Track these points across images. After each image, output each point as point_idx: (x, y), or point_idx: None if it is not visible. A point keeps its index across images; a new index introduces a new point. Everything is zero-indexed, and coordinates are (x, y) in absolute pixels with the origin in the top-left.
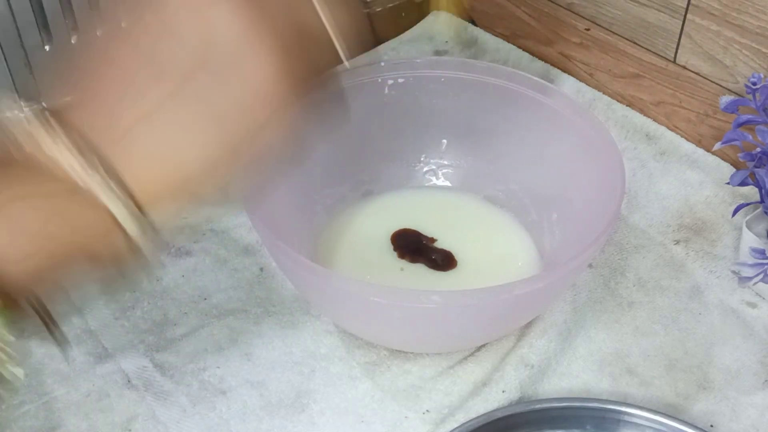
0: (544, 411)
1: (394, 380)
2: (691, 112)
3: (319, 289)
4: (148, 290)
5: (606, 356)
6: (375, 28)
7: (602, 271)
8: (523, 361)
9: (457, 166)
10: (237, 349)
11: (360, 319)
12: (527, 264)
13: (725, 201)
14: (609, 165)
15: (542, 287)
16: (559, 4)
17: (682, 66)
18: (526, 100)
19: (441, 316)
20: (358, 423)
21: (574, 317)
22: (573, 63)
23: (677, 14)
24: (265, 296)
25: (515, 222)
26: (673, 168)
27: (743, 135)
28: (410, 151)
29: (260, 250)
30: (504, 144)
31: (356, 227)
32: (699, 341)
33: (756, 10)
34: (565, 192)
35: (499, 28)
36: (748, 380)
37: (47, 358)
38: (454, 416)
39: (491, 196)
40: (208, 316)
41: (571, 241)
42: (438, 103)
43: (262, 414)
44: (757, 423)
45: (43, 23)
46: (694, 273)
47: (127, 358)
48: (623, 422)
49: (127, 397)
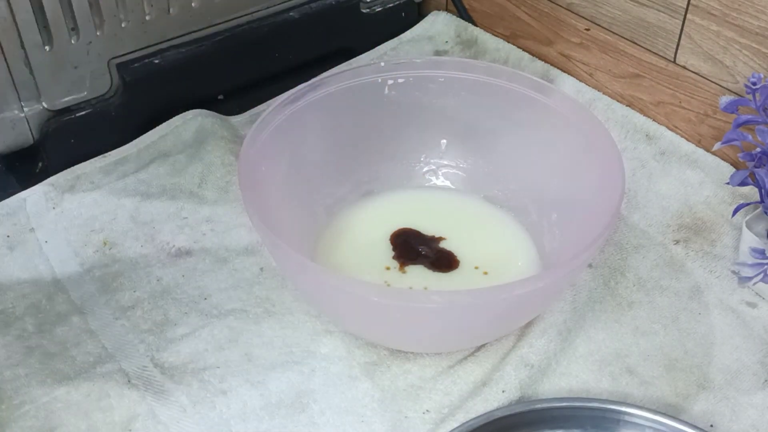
0: (544, 411)
1: (394, 380)
2: (691, 112)
3: (319, 289)
4: (149, 290)
5: (606, 356)
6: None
7: (602, 271)
8: (523, 361)
9: (457, 166)
10: (237, 349)
11: (360, 319)
12: (527, 264)
13: (725, 201)
14: (609, 165)
15: (542, 287)
16: (559, 4)
17: (682, 66)
18: (526, 100)
19: (441, 316)
20: (358, 423)
21: (574, 317)
22: (573, 63)
23: (677, 14)
24: (265, 296)
25: (515, 222)
26: (673, 168)
27: (743, 135)
28: (410, 151)
29: (260, 250)
30: (504, 144)
31: (356, 227)
32: (699, 341)
33: (756, 10)
34: (564, 192)
35: (499, 28)
36: (747, 380)
37: (47, 358)
38: (454, 416)
39: (491, 196)
40: (209, 316)
41: (571, 241)
42: (438, 103)
43: (262, 414)
44: (757, 423)
45: (43, 23)
46: (694, 273)
47: (127, 358)
48: (623, 422)
49: (127, 397)
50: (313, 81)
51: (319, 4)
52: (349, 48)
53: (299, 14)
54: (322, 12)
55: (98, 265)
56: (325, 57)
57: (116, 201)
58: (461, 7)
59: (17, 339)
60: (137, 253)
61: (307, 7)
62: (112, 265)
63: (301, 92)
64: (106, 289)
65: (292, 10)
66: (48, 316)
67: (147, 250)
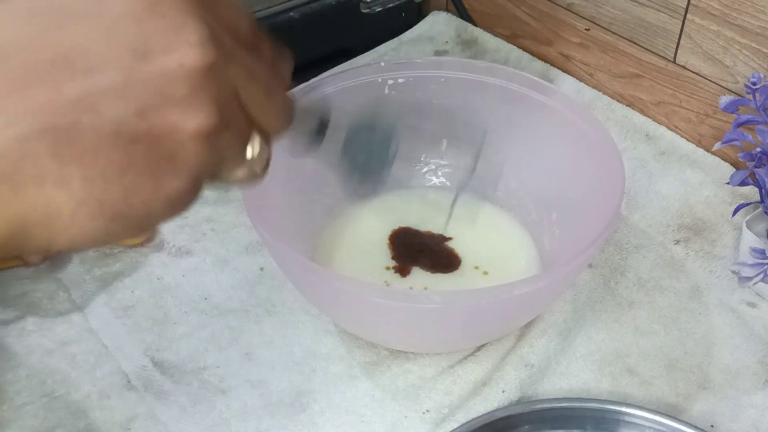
0: (544, 411)
1: (394, 380)
2: (691, 112)
3: (319, 289)
4: (149, 289)
5: (606, 356)
6: (375, 28)
7: (602, 270)
8: (523, 361)
9: (457, 166)
10: (237, 348)
11: (360, 319)
12: (527, 264)
13: (725, 201)
14: (609, 165)
15: (542, 287)
16: (559, 4)
17: (682, 66)
18: (526, 100)
19: (441, 316)
20: (358, 423)
21: (574, 317)
22: (573, 63)
23: (677, 14)
24: (265, 296)
25: (515, 222)
26: (673, 168)
27: (743, 135)
28: (410, 151)
29: (260, 250)
30: (504, 144)
31: (356, 227)
32: (699, 341)
33: (756, 10)
34: (565, 192)
35: (499, 28)
36: (748, 380)
37: (47, 357)
38: (454, 416)
39: (491, 195)
40: (209, 316)
41: (571, 241)
42: (438, 103)
43: (262, 414)
44: (758, 423)
45: None
46: (694, 273)
47: (127, 358)
48: (623, 422)
49: (127, 397)
50: (313, 81)
51: (319, 4)
52: (349, 48)
53: (299, 14)
54: (322, 12)
55: (99, 263)
56: (325, 57)
57: None
58: (461, 7)
59: (17, 339)
60: (137, 252)
61: (307, 7)
62: (113, 264)
63: (301, 92)
64: (106, 288)
65: (292, 10)
66: (48, 314)
67: (147, 249)
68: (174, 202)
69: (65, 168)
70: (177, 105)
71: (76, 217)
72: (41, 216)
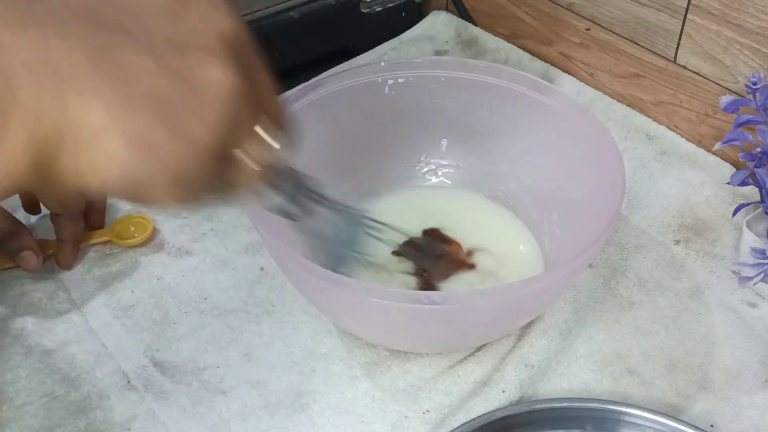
0: (544, 411)
1: (394, 380)
2: (692, 112)
3: (319, 289)
4: (149, 289)
5: (606, 356)
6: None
7: (603, 271)
8: (523, 361)
9: (457, 166)
10: (237, 349)
11: (360, 319)
12: (527, 264)
13: (725, 201)
14: (609, 165)
15: (542, 287)
16: (559, 4)
17: (682, 66)
18: (526, 100)
19: (441, 316)
20: (358, 423)
21: (575, 317)
22: (573, 63)
23: (677, 14)
24: (265, 296)
25: (516, 222)
26: (673, 168)
27: (743, 135)
28: (410, 151)
29: (260, 250)
30: (504, 144)
31: None
32: (699, 341)
33: (756, 10)
34: (565, 192)
35: (499, 28)
36: (748, 380)
37: (47, 357)
38: (454, 416)
39: (491, 195)
40: (209, 316)
41: (571, 241)
42: (438, 103)
43: (262, 414)
44: (758, 423)
45: None
46: (695, 273)
47: (127, 358)
48: (623, 422)
49: (127, 397)
50: (313, 81)
51: (319, 4)
52: (349, 48)
53: (299, 14)
54: (322, 12)
55: (98, 263)
56: (325, 57)
57: (116, 200)
58: (461, 7)
59: (17, 339)
60: (137, 252)
61: (307, 7)
62: (113, 265)
63: (301, 92)
64: (106, 288)
65: (292, 10)
66: (48, 314)
67: (147, 248)
68: (195, 156)
69: (103, 82)
70: (213, 56)
71: (108, 139)
72: (74, 133)
